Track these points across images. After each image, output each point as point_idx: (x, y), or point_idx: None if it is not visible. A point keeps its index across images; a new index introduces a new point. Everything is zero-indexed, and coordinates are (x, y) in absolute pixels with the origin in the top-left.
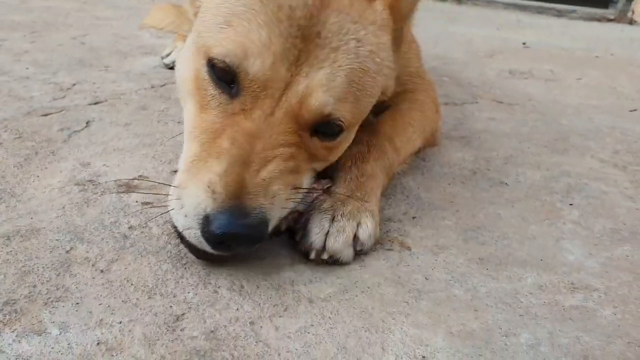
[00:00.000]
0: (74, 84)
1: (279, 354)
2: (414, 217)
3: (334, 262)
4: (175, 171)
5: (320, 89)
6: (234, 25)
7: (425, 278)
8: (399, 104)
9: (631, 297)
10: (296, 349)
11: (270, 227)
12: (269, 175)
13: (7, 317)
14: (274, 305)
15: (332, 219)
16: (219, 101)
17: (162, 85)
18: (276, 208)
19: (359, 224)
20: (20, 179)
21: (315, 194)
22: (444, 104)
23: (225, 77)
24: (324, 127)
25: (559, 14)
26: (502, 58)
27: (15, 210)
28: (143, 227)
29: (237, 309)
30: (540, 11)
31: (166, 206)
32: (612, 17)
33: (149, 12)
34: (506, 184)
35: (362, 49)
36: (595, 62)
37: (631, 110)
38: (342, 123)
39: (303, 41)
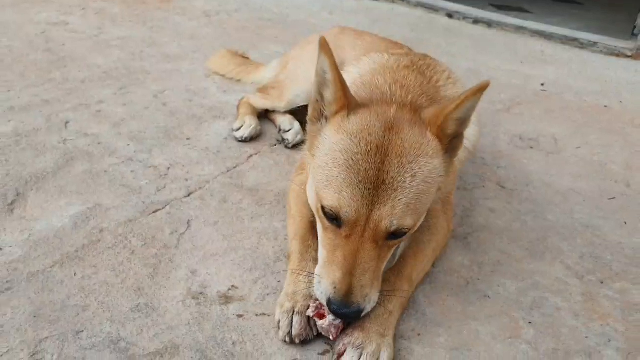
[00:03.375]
0: (168, 168)
1: None
2: (419, 334)
3: None
4: (256, 280)
5: (386, 217)
6: (332, 184)
7: None
8: (422, 234)
9: None
10: None
11: (364, 312)
12: (364, 282)
13: None
14: None
15: (361, 355)
16: (332, 229)
17: (234, 168)
18: (366, 303)
19: (379, 358)
20: (154, 291)
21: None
22: (457, 188)
23: (333, 216)
24: (394, 235)
25: (582, 46)
26: (518, 112)
27: (158, 325)
28: (241, 342)
29: None
30: (564, 42)
31: (250, 318)
32: (629, 53)
33: (209, 50)
34: (489, 297)
35: (416, 180)
36: (601, 118)
37: (610, 199)
38: (405, 230)
39: (375, 189)
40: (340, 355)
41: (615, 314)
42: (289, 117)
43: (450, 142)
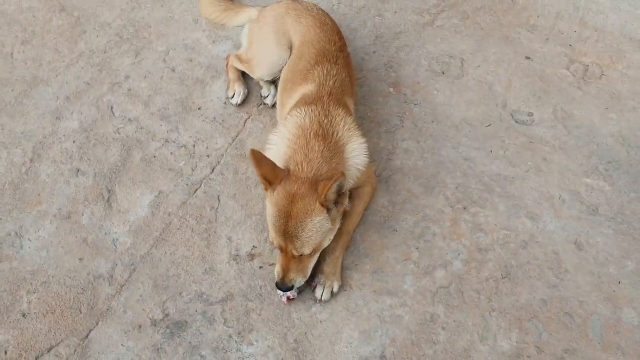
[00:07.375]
0: (194, 146)
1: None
2: (356, 265)
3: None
4: (265, 239)
5: (292, 249)
6: (270, 228)
7: (356, 304)
8: (355, 199)
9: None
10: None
11: (295, 289)
12: (291, 276)
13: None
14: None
15: (324, 288)
16: (275, 248)
17: (237, 136)
18: (293, 284)
19: (333, 288)
20: (212, 258)
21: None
22: (385, 132)
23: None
24: (302, 255)
25: None
26: (440, 25)
27: (219, 281)
28: (264, 286)
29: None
30: None
31: (266, 268)
32: None
33: None
34: (396, 230)
35: (305, 231)
36: (484, 21)
37: (487, 126)
38: (309, 252)
39: (285, 235)
40: (315, 288)
41: (467, 234)
42: (266, 83)
43: (336, 201)
